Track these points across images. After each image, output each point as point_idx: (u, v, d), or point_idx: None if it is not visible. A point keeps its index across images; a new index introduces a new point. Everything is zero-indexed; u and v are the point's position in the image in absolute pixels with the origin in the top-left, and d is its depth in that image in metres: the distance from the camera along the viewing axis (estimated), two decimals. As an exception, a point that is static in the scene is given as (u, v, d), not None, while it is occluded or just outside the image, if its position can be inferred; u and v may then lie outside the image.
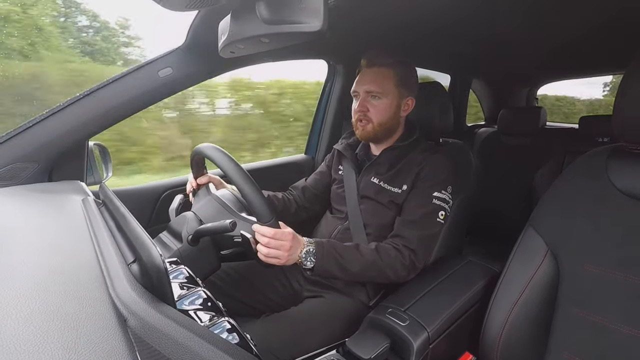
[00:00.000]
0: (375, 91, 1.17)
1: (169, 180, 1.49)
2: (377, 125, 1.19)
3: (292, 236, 0.95)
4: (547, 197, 0.95)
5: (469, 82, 2.83)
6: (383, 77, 1.17)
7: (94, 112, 1.15)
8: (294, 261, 0.97)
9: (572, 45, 1.75)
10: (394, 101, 1.18)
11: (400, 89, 1.19)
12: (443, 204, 1.13)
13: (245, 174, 0.92)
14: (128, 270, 0.51)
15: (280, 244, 0.92)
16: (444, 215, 1.13)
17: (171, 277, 0.68)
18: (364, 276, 1.06)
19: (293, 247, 0.95)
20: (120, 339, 0.38)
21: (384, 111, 1.18)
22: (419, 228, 1.11)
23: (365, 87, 1.18)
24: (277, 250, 0.92)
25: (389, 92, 1.17)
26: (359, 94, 1.21)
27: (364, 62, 1.21)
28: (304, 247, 0.99)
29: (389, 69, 1.17)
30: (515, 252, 0.97)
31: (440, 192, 1.14)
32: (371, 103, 1.18)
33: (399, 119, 1.23)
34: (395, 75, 1.17)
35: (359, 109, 1.20)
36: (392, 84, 1.17)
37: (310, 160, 1.99)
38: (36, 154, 1.09)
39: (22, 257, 0.55)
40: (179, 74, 1.23)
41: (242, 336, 0.56)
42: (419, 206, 1.13)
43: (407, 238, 1.10)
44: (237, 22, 0.59)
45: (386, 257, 1.06)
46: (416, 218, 1.12)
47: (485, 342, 0.94)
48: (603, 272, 0.80)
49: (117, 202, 0.74)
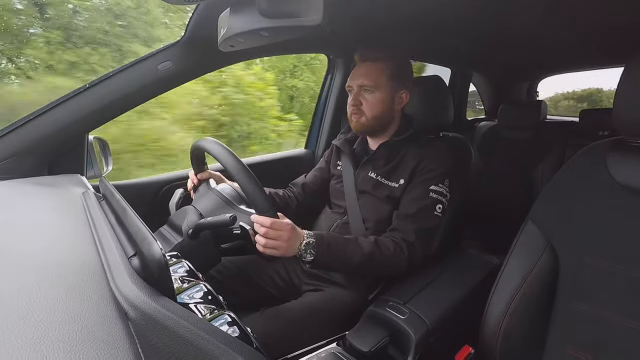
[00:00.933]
0: (368, 85, 1.18)
1: (169, 174, 1.49)
2: (370, 118, 1.20)
3: (290, 227, 0.95)
4: (547, 190, 0.95)
5: (470, 76, 2.83)
6: (375, 71, 1.18)
7: (93, 105, 1.14)
8: (293, 253, 0.97)
9: (572, 38, 1.74)
10: (386, 94, 1.19)
11: (393, 82, 1.19)
12: (440, 197, 1.14)
13: (243, 166, 0.92)
14: (129, 263, 0.51)
15: (278, 234, 0.92)
16: (441, 208, 1.13)
17: (172, 270, 0.68)
18: (364, 269, 1.06)
19: (292, 238, 0.95)
20: (121, 332, 0.38)
21: (376, 104, 1.19)
22: (416, 222, 1.11)
23: (358, 81, 1.19)
24: (275, 241, 0.92)
25: (381, 85, 1.18)
26: (352, 88, 1.22)
27: (357, 57, 1.22)
28: (303, 239, 0.98)
29: (381, 63, 1.18)
30: (514, 246, 0.97)
31: (437, 186, 1.14)
32: (364, 97, 1.19)
33: (393, 113, 1.24)
34: (388, 69, 1.18)
35: (352, 102, 1.21)
36: (384, 77, 1.18)
37: (310, 155, 1.99)
38: (36, 147, 1.09)
39: (23, 251, 0.56)
40: (178, 68, 1.23)
41: (243, 329, 0.56)
42: (415, 200, 1.14)
43: (405, 232, 1.10)
44: (236, 15, 0.59)
45: (385, 251, 1.06)
46: (413, 212, 1.12)
47: (485, 335, 0.95)
48: (603, 265, 0.81)
49: (117, 195, 0.74)
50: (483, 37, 1.74)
